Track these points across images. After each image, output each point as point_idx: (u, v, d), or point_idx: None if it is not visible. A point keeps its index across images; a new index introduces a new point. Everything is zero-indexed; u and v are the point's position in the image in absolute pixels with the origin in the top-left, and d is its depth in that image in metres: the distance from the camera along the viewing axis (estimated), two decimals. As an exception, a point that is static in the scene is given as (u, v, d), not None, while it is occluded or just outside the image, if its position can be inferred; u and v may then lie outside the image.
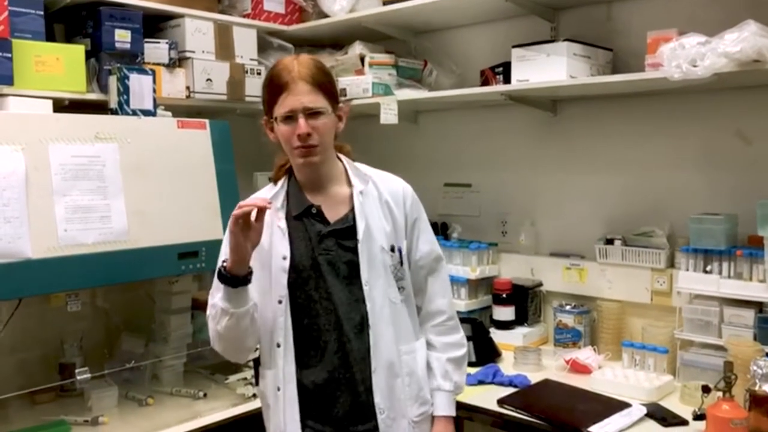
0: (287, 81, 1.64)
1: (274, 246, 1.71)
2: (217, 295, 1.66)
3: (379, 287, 1.72)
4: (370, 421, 1.71)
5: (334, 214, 1.75)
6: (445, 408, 1.81)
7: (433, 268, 1.86)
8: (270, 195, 1.76)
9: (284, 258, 1.70)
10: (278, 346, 1.71)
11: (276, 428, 1.75)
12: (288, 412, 1.71)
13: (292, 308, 1.71)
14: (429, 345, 1.84)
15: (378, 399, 1.70)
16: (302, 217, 1.74)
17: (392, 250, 1.76)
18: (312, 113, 1.65)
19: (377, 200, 1.77)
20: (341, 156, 1.82)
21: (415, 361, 1.78)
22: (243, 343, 1.72)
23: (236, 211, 1.55)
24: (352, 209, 1.74)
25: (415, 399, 1.77)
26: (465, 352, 1.87)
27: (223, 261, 1.64)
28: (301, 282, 1.71)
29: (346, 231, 1.73)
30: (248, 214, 1.55)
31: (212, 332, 1.72)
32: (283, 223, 1.73)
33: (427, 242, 1.85)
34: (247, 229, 1.57)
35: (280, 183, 1.80)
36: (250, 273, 1.63)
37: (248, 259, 1.61)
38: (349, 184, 1.78)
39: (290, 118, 1.65)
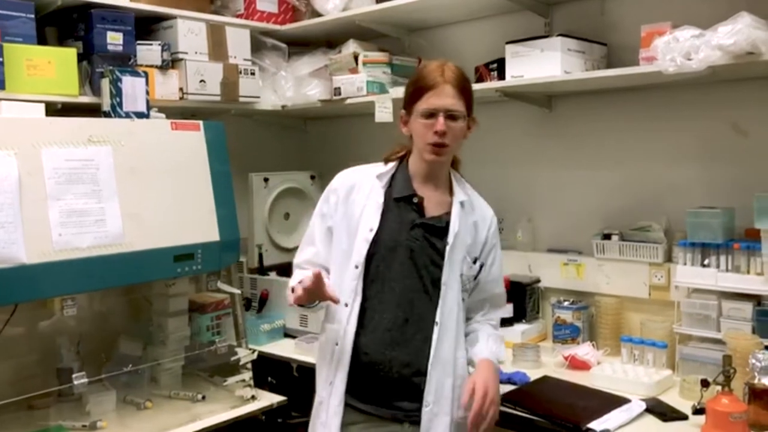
0: (437, 81, 1.78)
1: (365, 217, 1.85)
2: (291, 281, 1.86)
3: (454, 291, 1.85)
4: (409, 403, 1.81)
5: (431, 210, 1.88)
6: (489, 354, 1.88)
7: (496, 302, 2.04)
8: (379, 172, 1.90)
9: (371, 230, 1.83)
10: (346, 305, 1.83)
11: (326, 381, 1.86)
12: (341, 366, 1.81)
13: (364, 277, 1.83)
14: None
15: (427, 393, 1.80)
16: (401, 202, 1.86)
17: (474, 261, 1.91)
18: (451, 115, 1.79)
19: (469, 215, 1.91)
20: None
21: (465, 368, 1.89)
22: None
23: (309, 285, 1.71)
24: (448, 213, 1.88)
25: (458, 399, 1.84)
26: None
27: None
28: (380, 257, 1.83)
29: (437, 229, 1.86)
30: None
31: (288, 301, 1.87)
32: (381, 199, 1.86)
33: (498, 272, 2.00)
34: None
35: (390, 165, 1.93)
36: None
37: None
38: (450, 191, 1.92)
39: (432, 115, 1.78)
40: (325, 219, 1.93)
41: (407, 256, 1.83)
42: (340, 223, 1.88)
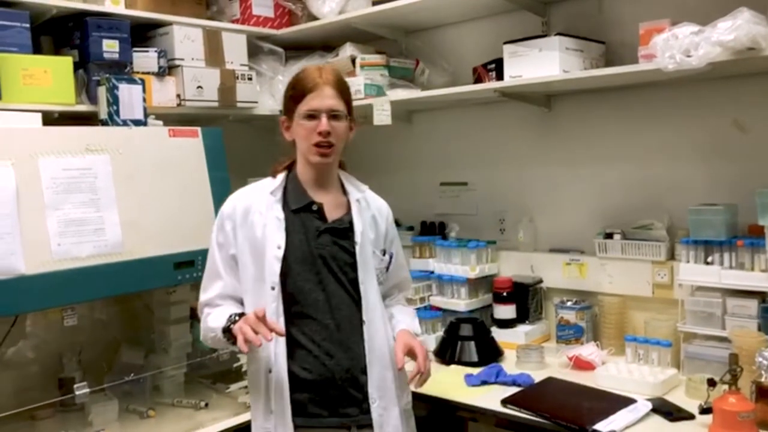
0: (316, 83, 1.79)
1: (269, 235, 1.81)
2: (213, 322, 1.81)
3: (373, 287, 1.88)
4: (358, 407, 1.81)
5: (331, 214, 1.87)
6: (406, 326, 1.93)
7: (404, 287, 2.11)
8: (272, 187, 1.87)
9: (279, 247, 1.79)
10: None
11: (266, 411, 1.80)
12: (278, 392, 1.78)
13: (283, 296, 1.80)
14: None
15: (371, 389, 1.81)
16: (300, 212, 1.84)
17: (384, 253, 1.94)
18: (333, 115, 1.80)
19: (366, 210, 1.92)
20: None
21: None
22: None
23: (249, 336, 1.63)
24: (348, 213, 1.88)
25: (404, 388, 1.91)
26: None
27: (231, 322, 1.75)
28: (293, 272, 1.80)
29: (343, 231, 1.85)
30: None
31: (207, 341, 1.88)
32: (281, 215, 1.83)
33: (402, 258, 2.07)
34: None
35: (280, 178, 1.90)
36: None
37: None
38: (343, 191, 1.92)
39: (313, 117, 1.79)
40: (224, 248, 1.85)
41: (321, 264, 1.81)
42: (242, 249, 1.82)
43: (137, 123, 2.33)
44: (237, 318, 1.73)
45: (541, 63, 2.38)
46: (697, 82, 2.31)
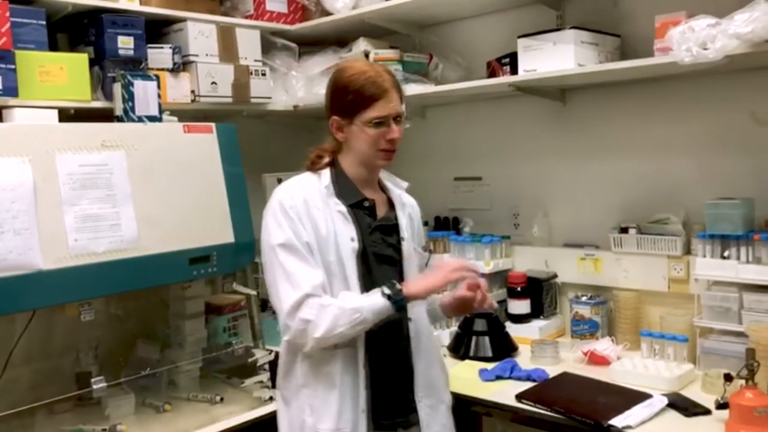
0: (384, 89, 1.75)
1: (339, 230, 1.75)
2: (368, 309, 1.66)
3: None
4: (408, 406, 1.79)
5: (380, 211, 1.87)
6: None
7: None
8: (325, 183, 1.80)
9: (352, 240, 1.76)
10: None
11: (354, 409, 1.74)
12: (361, 390, 1.73)
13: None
14: None
15: (418, 387, 1.80)
16: (354, 208, 1.81)
17: (424, 250, 1.95)
18: (397, 119, 1.79)
19: (404, 208, 1.92)
20: None
21: (440, 352, 1.96)
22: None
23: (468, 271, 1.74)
24: (392, 210, 1.88)
25: (446, 384, 1.92)
26: None
27: (399, 288, 1.68)
28: (360, 268, 1.77)
29: (390, 228, 1.85)
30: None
31: (338, 330, 1.65)
32: (343, 208, 1.78)
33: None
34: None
35: (325, 173, 1.83)
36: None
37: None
38: (382, 189, 1.91)
39: (381, 123, 1.75)
40: (299, 238, 1.70)
41: (374, 260, 1.79)
42: (312, 240, 1.72)
43: (152, 119, 2.34)
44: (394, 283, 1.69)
45: (555, 57, 2.37)
46: (714, 75, 2.29)
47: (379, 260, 1.80)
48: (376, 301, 1.66)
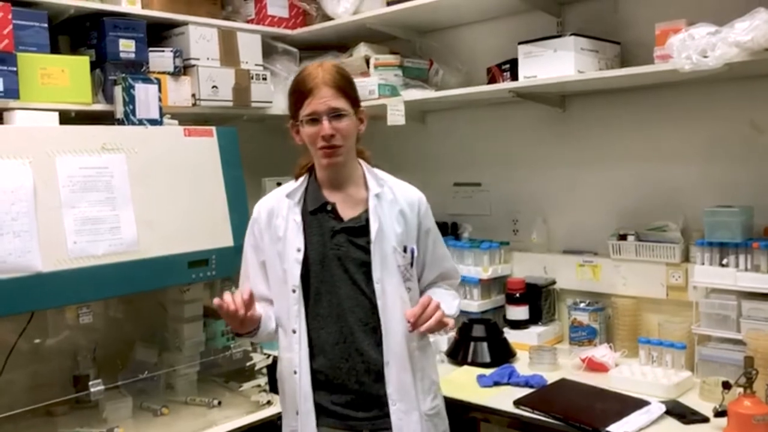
0: (312, 86, 1.76)
1: (289, 239, 1.82)
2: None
3: (392, 285, 1.80)
4: (378, 410, 1.79)
5: (348, 212, 1.84)
6: (438, 298, 1.78)
7: (448, 276, 2.00)
8: (289, 190, 1.87)
9: (298, 250, 1.80)
10: (294, 332, 1.81)
11: (291, 409, 1.83)
12: (303, 394, 1.79)
13: (305, 298, 1.81)
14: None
15: (390, 390, 1.78)
16: (317, 213, 1.83)
17: (404, 250, 1.85)
18: (335, 115, 1.76)
19: (391, 204, 1.85)
20: (361, 160, 1.91)
21: (426, 358, 1.87)
22: (266, 337, 1.90)
23: (223, 310, 1.70)
24: (367, 210, 1.83)
25: (427, 392, 1.85)
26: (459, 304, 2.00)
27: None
28: (313, 275, 1.81)
29: (359, 230, 1.81)
30: (233, 311, 1.70)
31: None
32: (298, 218, 1.83)
33: (442, 249, 1.98)
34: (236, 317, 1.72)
35: (300, 180, 1.90)
36: (256, 329, 1.81)
37: (247, 325, 1.77)
38: (367, 187, 1.86)
39: (315, 120, 1.76)
40: (255, 251, 1.90)
41: (337, 265, 1.80)
42: (269, 252, 1.85)
43: (153, 122, 2.34)
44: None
45: (555, 63, 2.38)
46: (713, 82, 2.30)
47: (342, 264, 1.79)
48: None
